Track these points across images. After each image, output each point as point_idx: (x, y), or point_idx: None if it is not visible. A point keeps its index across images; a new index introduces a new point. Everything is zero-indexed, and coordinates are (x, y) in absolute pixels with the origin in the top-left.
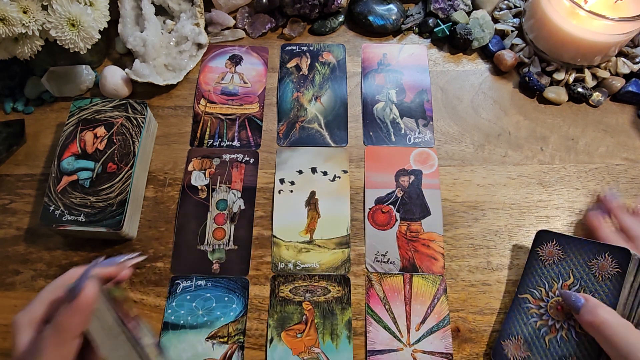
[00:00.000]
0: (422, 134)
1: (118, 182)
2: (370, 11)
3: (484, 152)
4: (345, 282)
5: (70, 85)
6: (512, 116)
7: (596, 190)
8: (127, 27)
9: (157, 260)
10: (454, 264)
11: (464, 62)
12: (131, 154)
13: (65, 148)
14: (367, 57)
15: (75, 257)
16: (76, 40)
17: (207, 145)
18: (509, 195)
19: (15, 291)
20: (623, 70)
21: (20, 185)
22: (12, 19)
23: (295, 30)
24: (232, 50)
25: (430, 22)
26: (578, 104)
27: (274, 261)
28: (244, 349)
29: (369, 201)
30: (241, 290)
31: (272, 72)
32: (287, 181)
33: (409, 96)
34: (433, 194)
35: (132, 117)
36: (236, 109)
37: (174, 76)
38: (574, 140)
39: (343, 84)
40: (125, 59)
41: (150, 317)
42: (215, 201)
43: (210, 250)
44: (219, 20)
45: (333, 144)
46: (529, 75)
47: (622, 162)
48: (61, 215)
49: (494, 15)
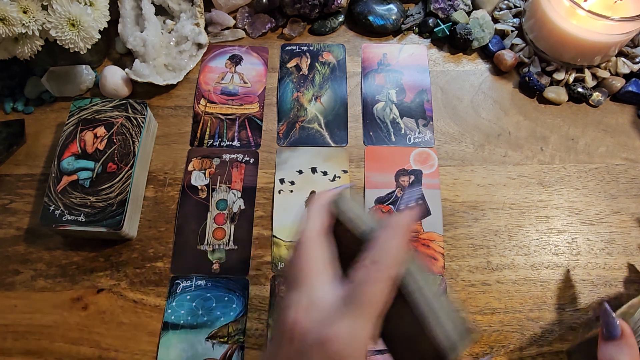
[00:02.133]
0: (422, 134)
1: (118, 182)
2: (370, 11)
3: (484, 152)
4: None
5: (70, 85)
6: (512, 116)
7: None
8: (127, 27)
9: (157, 260)
10: (453, 264)
11: (464, 62)
12: (131, 154)
13: (65, 148)
14: (367, 57)
15: (75, 257)
16: (76, 40)
17: (207, 145)
18: (509, 195)
19: (15, 291)
20: (623, 70)
21: (20, 185)
22: (12, 19)
23: (295, 30)
24: (232, 50)
25: (430, 22)
26: (578, 104)
27: (274, 261)
28: (244, 349)
29: (369, 201)
30: (241, 290)
31: (272, 72)
32: (287, 181)
33: (409, 96)
34: (433, 194)
35: (132, 117)
36: (236, 109)
37: (174, 76)
38: (574, 140)
39: (343, 84)
40: (125, 59)
41: (150, 317)
42: (215, 201)
43: (210, 250)
44: (219, 20)
45: (333, 144)
46: (529, 75)
47: (622, 162)
48: (61, 215)
49: (494, 15)
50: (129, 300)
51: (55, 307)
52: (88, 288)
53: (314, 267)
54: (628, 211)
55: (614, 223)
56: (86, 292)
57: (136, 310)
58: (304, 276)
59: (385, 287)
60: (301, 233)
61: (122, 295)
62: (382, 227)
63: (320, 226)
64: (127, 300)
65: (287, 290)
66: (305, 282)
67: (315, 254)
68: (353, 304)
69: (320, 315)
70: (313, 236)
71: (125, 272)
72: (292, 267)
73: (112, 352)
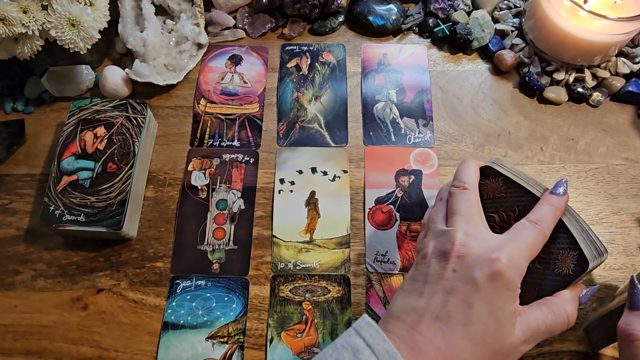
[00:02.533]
0: (422, 134)
1: (118, 182)
2: (370, 11)
3: (484, 152)
4: (345, 282)
5: (70, 85)
6: (512, 116)
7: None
8: (127, 27)
9: (157, 260)
10: None
11: (464, 62)
12: (131, 154)
13: (65, 148)
14: (367, 57)
15: (75, 257)
16: (76, 40)
17: (207, 145)
18: None
19: (15, 291)
20: (623, 70)
21: (20, 185)
22: (12, 19)
23: (295, 30)
24: (232, 50)
25: (430, 22)
26: (578, 104)
27: (274, 261)
28: (244, 349)
29: (369, 201)
30: (241, 290)
31: (272, 72)
32: (287, 181)
33: (409, 96)
34: (433, 194)
35: (132, 117)
36: (236, 109)
37: (174, 76)
38: (574, 140)
39: (343, 84)
40: (125, 59)
41: (150, 317)
42: (215, 201)
43: (210, 250)
44: (219, 20)
45: (333, 144)
46: (529, 75)
47: (622, 162)
48: (61, 215)
49: (494, 15)
50: (129, 300)
51: (55, 307)
52: (88, 288)
53: (475, 208)
54: (628, 211)
55: (614, 223)
56: (86, 292)
57: (136, 310)
58: (470, 212)
59: (540, 241)
60: (462, 180)
61: (122, 295)
62: (546, 196)
63: (477, 179)
64: (127, 300)
65: (450, 217)
66: (470, 217)
67: (477, 199)
68: (514, 241)
69: (484, 242)
70: (475, 184)
71: (125, 272)
72: (456, 203)
73: (112, 352)
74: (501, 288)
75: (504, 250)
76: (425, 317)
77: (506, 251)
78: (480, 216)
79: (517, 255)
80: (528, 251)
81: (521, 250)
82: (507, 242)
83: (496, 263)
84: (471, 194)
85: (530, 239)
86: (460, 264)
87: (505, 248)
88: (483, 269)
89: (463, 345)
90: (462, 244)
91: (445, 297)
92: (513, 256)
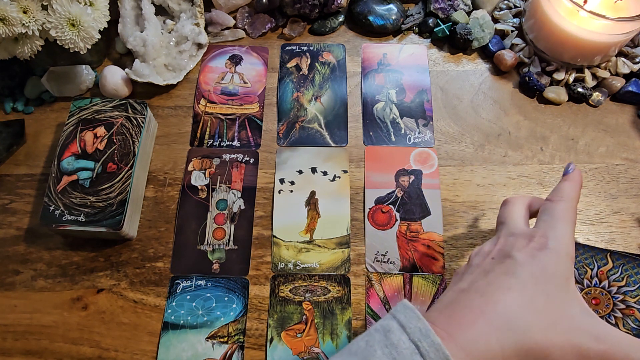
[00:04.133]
0: (422, 134)
1: (118, 182)
2: (370, 11)
3: (484, 152)
4: (345, 282)
5: (70, 85)
6: (512, 116)
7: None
8: (127, 27)
9: (157, 260)
10: (454, 264)
11: (464, 62)
12: (131, 154)
13: (65, 148)
14: (367, 57)
15: (75, 257)
16: (76, 40)
17: (207, 145)
18: (509, 195)
19: (15, 291)
20: (623, 70)
21: (20, 185)
22: (12, 19)
23: (295, 30)
24: (232, 50)
25: (430, 22)
26: (578, 104)
27: (274, 261)
28: (244, 349)
29: (369, 201)
30: (241, 290)
31: (272, 72)
32: (287, 181)
33: (409, 96)
34: (433, 194)
35: (132, 117)
36: (236, 109)
37: (174, 76)
38: (574, 140)
39: (343, 84)
40: (125, 59)
41: (150, 317)
42: (215, 201)
43: (210, 250)
44: (219, 20)
45: (333, 144)
46: (529, 75)
47: (622, 162)
48: (61, 215)
49: (494, 15)
50: (129, 300)
51: (55, 307)
52: (88, 288)
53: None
54: (628, 211)
55: (614, 223)
56: (86, 292)
57: (136, 310)
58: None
59: (572, 211)
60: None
61: (122, 295)
62: (561, 179)
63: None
64: (127, 300)
65: (499, 225)
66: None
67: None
68: (545, 222)
69: (519, 230)
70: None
71: (125, 272)
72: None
73: (112, 352)
74: (548, 256)
75: (539, 230)
76: (462, 293)
77: (542, 229)
78: (524, 217)
79: (552, 228)
80: (564, 221)
81: (560, 225)
82: (538, 224)
83: (534, 238)
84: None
85: (560, 213)
86: (497, 253)
87: (539, 229)
88: (520, 249)
89: (508, 305)
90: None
91: (484, 275)
92: (547, 232)
